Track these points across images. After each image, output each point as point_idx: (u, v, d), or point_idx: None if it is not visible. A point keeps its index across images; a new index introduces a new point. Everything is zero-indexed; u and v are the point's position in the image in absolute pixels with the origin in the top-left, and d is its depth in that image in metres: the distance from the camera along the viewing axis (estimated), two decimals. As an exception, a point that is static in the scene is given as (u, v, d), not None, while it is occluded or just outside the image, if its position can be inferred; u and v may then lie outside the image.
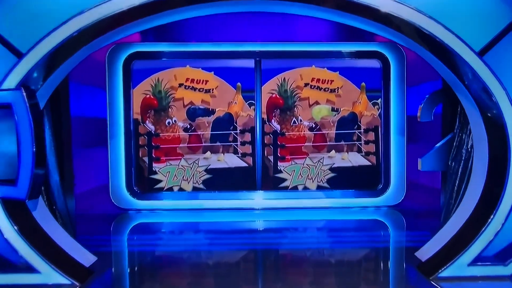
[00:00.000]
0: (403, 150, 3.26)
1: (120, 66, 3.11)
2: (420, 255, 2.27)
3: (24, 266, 1.96)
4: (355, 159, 3.29)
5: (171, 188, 3.24)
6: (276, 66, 3.24)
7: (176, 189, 3.24)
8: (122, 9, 1.91)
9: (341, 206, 3.25)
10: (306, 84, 3.25)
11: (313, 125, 3.28)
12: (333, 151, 3.29)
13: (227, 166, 3.22)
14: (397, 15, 1.95)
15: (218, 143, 3.23)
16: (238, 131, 3.23)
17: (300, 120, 3.27)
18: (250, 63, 3.23)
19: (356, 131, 3.29)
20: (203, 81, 3.19)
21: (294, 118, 3.26)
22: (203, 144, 3.22)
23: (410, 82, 3.29)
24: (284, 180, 3.29)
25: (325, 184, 3.29)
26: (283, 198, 3.25)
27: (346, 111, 3.28)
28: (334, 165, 3.28)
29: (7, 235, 1.94)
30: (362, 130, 3.29)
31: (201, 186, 3.24)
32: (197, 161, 3.22)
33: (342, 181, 3.28)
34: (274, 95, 3.25)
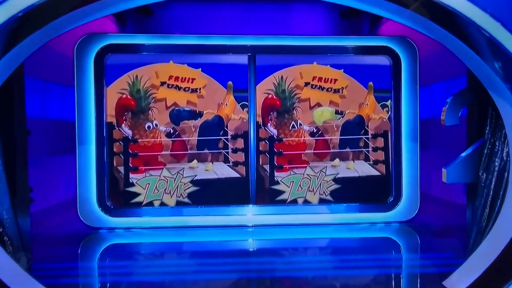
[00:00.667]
0: (416, 158, 2.95)
1: (91, 60, 2.73)
2: (450, 285, 1.91)
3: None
4: (362, 169, 2.99)
5: (151, 202, 2.88)
6: (272, 63, 2.94)
7: (157, 203, 2.88)
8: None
9: (346, 222, 2.93)
10: (306, 84, 2.95)
11: (315, 130, 2.98)
12: (337, 159, 2.99)
13: (216, 176, 2.90)
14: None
15: (206, 151, 2.91)
16: (229, 137, 2.91)
17: (300, 124, 2.97)
18: (243, 59, 2.91)
19: (363, 136, 3.00)
20: (189, 79, 2.87)
21: (293, 122, 2.96)
22: (189, 151, 2.89)
23: (420, 82, 3.00)
24: (282, 192, 2.96)
25: (328, 197, 2.98)
26: (281, 213, 2.92)
27: (352, 114, 2.99)
28: (339, 176, 2.98)
29: None
30: (369, 136, 3.00)
31: (186, 200, 2.89)
32: (181, 171, 2.88)
33: (348, 193, 2.98)
34: (270, 96, 2.94)
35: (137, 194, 2.87)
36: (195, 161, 2.90)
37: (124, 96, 2.83)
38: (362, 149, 3.00)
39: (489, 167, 2.10)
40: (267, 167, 2.95)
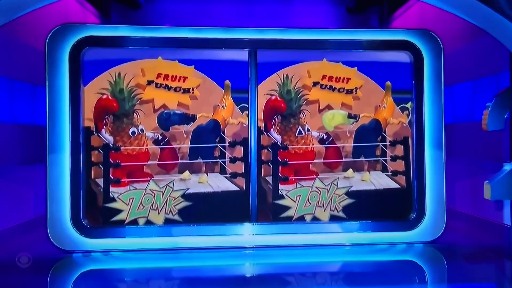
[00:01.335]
0: (441, 168, 2.63)
1: (65, 55, 2.39)
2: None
3: None
4: (379, 181, 2.67)
5: (135, 221, 2.53)
6: (276, 59, 2.62)
7: (142, 222, 2.53)
8: None
9: (361, 243, 2.60)
10: (315, 83, 2.63)
11: (325, 136, 2.65)
12: (350, 170, 2.66)
13: (211, 190, 2.57)
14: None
15: (199, 160, 2.59)
16: (226, 144, 2.59)
17: (308, 130, 2.65)
18: (242, 54, 2.59)
19: (380, 144, 2.67)
20: (180, 77, 2.55)
21: (299, 127, 2.64)
22: (180, 161, 2.58)
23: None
24: (287, 208, 2.63)
25: (341, 214, 2.64)
26: (286, 232, 2.59)
27: (367, 118, 2.67)
28: (352, 189, 2.65)
29: None
30: (387, 143, 2.67)
31: (177, 217, 2.55)
32: (171, 184, 2.55)
33: (363, 209, 2.64)
34: (273, 97, 2.63)
35: (119, 211, 2.52)
36: (187, 172, 2.58)
37: (104, 96, 2.50)
38: (379, 158, 2.68)
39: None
40: (270, 179, 2.63)
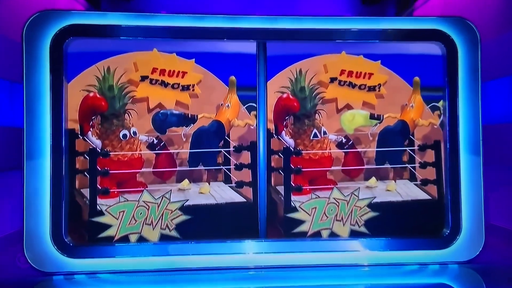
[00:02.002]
0: (479, 176, 2.29)
1: (46, 46, 2.09)
2: None
3: None
4: (407, 191, 2.34)
5: (126, 237, 2.21)
6: (288, 52, 2.30)
7: (134, 238, 2.21)
8: None
9: (386, 263, 2.26)
10: (332, 79, 2.32)
11: (343, 140, 2.34)
12: (373, 178, 2.34)
13: (214, 202, 2.25)
14: None
15: (200, 167, 2.27)
16: (231, 149, 2.27)
17: (324, 133, 2.34)
18: (250, 47, 2.28)
19: (407, 148, 2.35)
20: (178, 72, 2.25)
21: (315, 130, 2.33)
22: (178, 168, 2.26)
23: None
24: (301, 222, 2.30)
25: (362, 229, 2.32)
26: (299, 250, 2.26)
27: (392, 119, 2.35)
28: (375, 200, 2.32)
29: None
30: (416, 147, 2.35)
31: (174, 233, 2.23)
32: (167, 195, 2.23)
33: (388, 224, 2.31)
34: (285, 95, 2.31)
35: (108, 226, 2.20)
36: (186, 181, 2.26)
37: (91, 94, 2.20)
38: (406, 165, 2.36)
39: None
40: (281, 189, 2.30)
